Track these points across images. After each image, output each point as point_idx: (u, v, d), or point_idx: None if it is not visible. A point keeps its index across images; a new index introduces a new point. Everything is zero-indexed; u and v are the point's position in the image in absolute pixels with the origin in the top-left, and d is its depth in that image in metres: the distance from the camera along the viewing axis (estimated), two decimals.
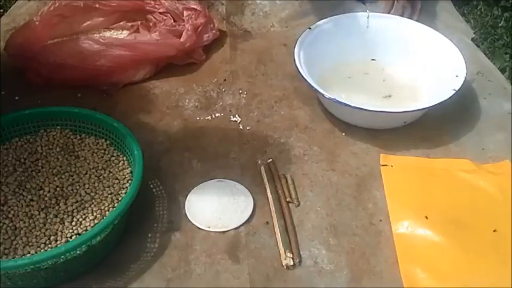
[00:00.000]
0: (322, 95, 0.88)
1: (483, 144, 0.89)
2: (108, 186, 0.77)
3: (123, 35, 1.09)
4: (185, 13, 1.07)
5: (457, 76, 0.91)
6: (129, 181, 0.78)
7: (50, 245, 0.70)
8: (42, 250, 0.69)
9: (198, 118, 0.95)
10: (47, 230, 0.71)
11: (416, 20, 1.07)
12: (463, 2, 1.25)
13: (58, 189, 0.76)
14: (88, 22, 1.10)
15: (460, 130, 0.92)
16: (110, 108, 0.94)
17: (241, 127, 0.93)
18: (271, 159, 0.86)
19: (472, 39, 1.14)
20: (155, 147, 0.89)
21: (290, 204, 0.80)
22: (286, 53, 1.07)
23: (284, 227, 0.76)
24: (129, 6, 1.10)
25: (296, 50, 0.96)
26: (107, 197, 0.76)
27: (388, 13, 1.12)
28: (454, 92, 0.87)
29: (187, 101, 0.99)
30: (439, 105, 0.86)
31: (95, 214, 0.73)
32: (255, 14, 1.22)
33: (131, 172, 0.79)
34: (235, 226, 0.77)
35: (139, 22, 1.11)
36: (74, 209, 0.74)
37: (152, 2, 1.10)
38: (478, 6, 1.22)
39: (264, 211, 0.79)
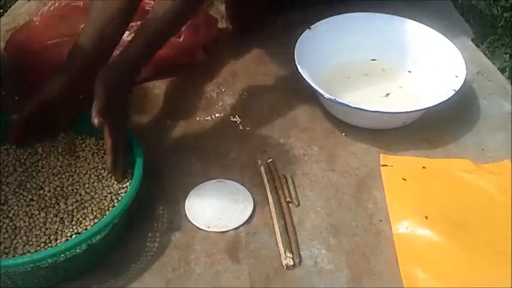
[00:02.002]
0: (322, 95, 0.88)
1: (483, 144, 0.89)
2: (108, 186, 0.77)
3: None
4: None
5: (456, 76, 0.91)
6: (129, 181, 0.78)
7: (50, 244, 0.70)
8: (42, 249, 0.69)
9: (198, 118, 0.95)
10: (47, 229, 0.71)
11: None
12: (463, 2, 1.26)
13: (58, 188, 0.76)
14: None
15: (460, 130, 0.92)
16: None
17: (241, 127, 0.93)
18: (271, 159, 0.86)
19: (472, 39, 1.14)
20: (155, 147, 0.89)
21: (290, 204, 0.80)
22: (286, 53, 1.07)
23: (284, 227, 0.76)
24: None
25: (296, 50, 0.96)
26: (106, 196, 0.76)
27: None
28: (454, 92, 0.87)
29: (187, 101, 0.99)
30: (439, 106, 0.86)
31: (94, 214, 0.73)
32: None
33: (131, 172, 0.79)
34: (235, 226, 0.77)
35: (139, 22, 1.11)
36: (74, 209, 0.74)
37: (152, 2, 1.10)
38: (478, 6, 1.22)
39: (264, 211, 0.79)
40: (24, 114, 0.76)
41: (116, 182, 0.77)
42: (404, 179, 0.83)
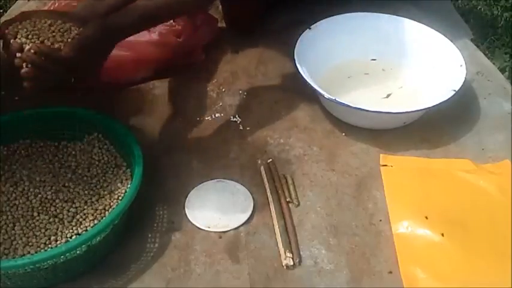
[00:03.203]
0: (322, 95, 0.88)
1: (483, 144, 0.89)
2: (108, 186, 0.77)
3: None
4: None
5: (456, 76, 0.91)
6: (129, 181, 0.78)
7: (50, 245, 0.70)
8: (42, 250, 0.69)
9: (198, 118, 0.95)
10: (46, 230, 0.71)
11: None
12: (463, 2, 1.26)
13: (58, 189, 0.76)
14: None
15: (460, 130, 0.92)
16: (110, 108, 0.94)
17: (241, 127, 0.93)
18: (271, 159, 0.86)
19: (472, 39, 1.14)
20: (155, 148, 0.89)
21: (290, 204, 0.80)
22: (286, 52, 1.07)
23: (284, 227, 0.76)
24: None
25: (296, 50, 0.96)
26: (106, 196, 0.76)
27: None
28: (454, 92, 0.87)
29: (187, 101, 0.99)
30: (439, 106, 0.86)
31: (94, 214, 0.73)
32: None
33: (131, 172, 0.79)
34: (235, 226, 0.77)
35: None
36: (74, 209, 0.74)
37: None
38: (478, 6, 1.22)
39: (264, 211, 0.79)
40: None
41: (116, 183, 0.77)
42: (404, 179, 0.83)
